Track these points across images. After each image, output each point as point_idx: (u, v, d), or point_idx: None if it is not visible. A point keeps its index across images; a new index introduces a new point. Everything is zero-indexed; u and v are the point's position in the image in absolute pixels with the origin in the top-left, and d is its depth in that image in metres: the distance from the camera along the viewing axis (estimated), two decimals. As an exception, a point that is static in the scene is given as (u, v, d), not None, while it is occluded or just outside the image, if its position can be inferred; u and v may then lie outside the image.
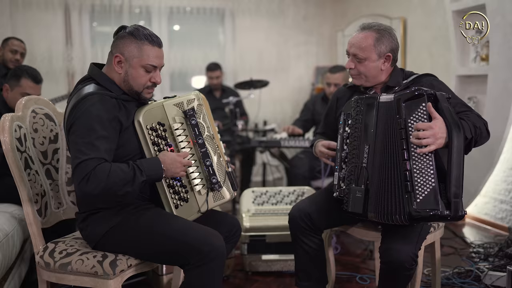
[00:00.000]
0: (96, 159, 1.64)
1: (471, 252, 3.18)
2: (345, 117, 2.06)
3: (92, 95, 1.75)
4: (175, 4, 5.46)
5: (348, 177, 1.99)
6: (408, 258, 1.82)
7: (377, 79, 2.12)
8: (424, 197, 1.76)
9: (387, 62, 2.08)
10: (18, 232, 2.32)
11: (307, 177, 3.63)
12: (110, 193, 1.65)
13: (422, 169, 1.79)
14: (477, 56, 3.73)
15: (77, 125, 1.71)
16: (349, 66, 2.12)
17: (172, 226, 1.78)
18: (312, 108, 4.06)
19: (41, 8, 5.02)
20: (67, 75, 5.17)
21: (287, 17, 5.91)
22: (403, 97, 1.85)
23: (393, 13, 4.84)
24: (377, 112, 1.95)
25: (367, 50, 2.04)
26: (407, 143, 1.81)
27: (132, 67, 1.82)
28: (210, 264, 1.70)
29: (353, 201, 1.95)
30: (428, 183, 1.76)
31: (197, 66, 5.52)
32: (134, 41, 1.82)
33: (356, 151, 1.98)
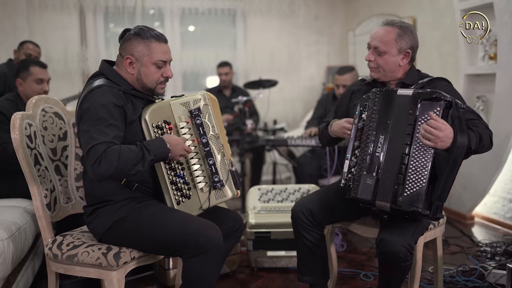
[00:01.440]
0: (106, 143, 1.71)
1: (477, 251, 3.18)
2: (362, 108, 2.09)
3: (101, 87, 1.83)
4: (187, 5, 5.54)
5: (359, 165, 2.02)
6: (403, 249, 1.86)
7: (394, 74, 2.17)
8: (411, 193, 1.85)
9: (406, 59, 2.14)
10: (30, 226, 2.41)
11: (314, 176, 3.67)
12: (123, 173, 1.73)
13: (418, 167, 1.86)
14: (485, 55, 3.72)
15: (86, 115, 1.78)
16: (369, 58, 2.17)
17: (171, 219, 1.85)
18: (325, 104, 4.10)
19: (57, 10, 5.14)
20: (82, 76, 5.29)
21: (298, 17, 5.95)
22: (422, 96, 1.90)
23: (403, 12, 4.85)
24: (395, 104, 1.98)
25: (389, 44, 2.10)
26: (411, 139, 1.88)
27: (144, 65, 1.91)
28: (206, 254, 1.77)
29: (363, 187, 1.99)
30: (419, 182, 1.84)
31: (209, 66, 5.59)
32: (142, 41, 1.90)
33: (370, 140, 2.01)
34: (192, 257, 1.78)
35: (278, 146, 3.90)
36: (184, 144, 1.89)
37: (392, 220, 2.01)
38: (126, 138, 1.85)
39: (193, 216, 1.91)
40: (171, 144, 1.84)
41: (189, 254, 1.78)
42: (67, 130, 2.22)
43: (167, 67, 1.96)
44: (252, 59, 5.77)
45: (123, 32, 1.96)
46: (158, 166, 1.92)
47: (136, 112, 1.90)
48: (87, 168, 1.73)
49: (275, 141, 3.77)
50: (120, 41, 1.96)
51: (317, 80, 6.05)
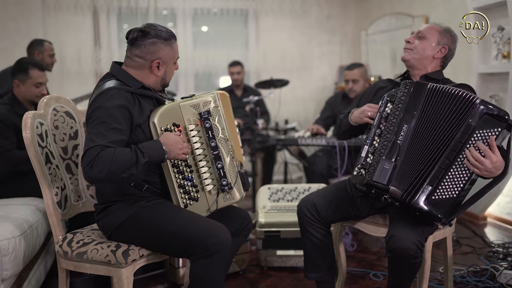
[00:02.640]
0: (100, 146, 1.71)
1: (489, 252, 3.15)
2: (388, 98, 2.12)
3: (110, 90, 1.84)
4: (199, 5, 5.57)
5: (379, 150, 2.03)
6: (412, 245, 1.85)
7: (424, 63, 2.23)
8: (439, 199, 1.87)
9: (441, 53, 2.21)
10: (42, 224, 2.45)
11: (325, 175, 3.66)
12: (115, 176, 1.71)
13: (455, 177, 1.87)
14: (498, 54, 3.68)
15: (92, 118, 1.81)
16: (409, 39, 2.26)
17: (180, 220, 1.86)
18: (334, 105, 4.09)
19: (71, 11, 5.20)
20: (95, 76, 5.34)
21: (310, 17, 5.94)
22: (489, 110, 1.84)
23: (416, 11, 4.82)
24: (426, 95, 2.00)
25: (432, 32, 2.22)
26: (460, 149, 1.86)
27: (169, 66, 1.99)
28: (214, 256, 1.78)
29: (380, 171, 1.99)
30: (451, 192, 1.87)
31: (221, 66, 5.61)
32: (165, 43, 1.93)
33: (393, 128, 2.02)
34: (201, 258, 1.79)
35: (289, 145, 3.91)
36: (182, 142, 1.87)
37: (402, 217, 2.01)
38: (132, 141, 1.85)
39: (202, 217, 1.92)
40: (167, 144, 1.82)
41: (197, 256, 1.79)
42: (78, 129, 2.25)
43: (176, 62, 2.05)
44: (264, 59, 5.78)
45: (131, 33, 1.93)
46: (166, 169, 1.93)
47: (143, 115, 1.90)
48: (82, 170, 1.75)
49: (286, 141, 3.77)
50: (134, 44, 1.92)
51: (329, 79, 6.04)
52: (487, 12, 3.69)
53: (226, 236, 1.84)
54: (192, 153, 1.95)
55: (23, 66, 2.90)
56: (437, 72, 2.24)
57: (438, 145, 1.91)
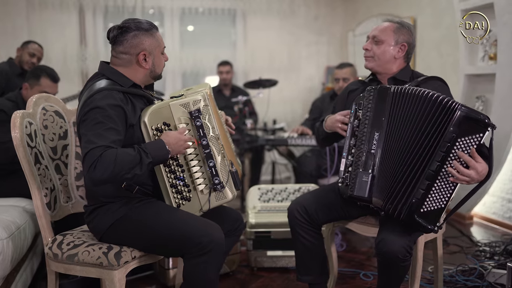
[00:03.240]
0: (102, 147, 1.69)
1: (477, 251, 3.19)
2: (356, 107, 2.10)
3: (102, 91, 1.81)
4: (187, 4, 5.54)
5: (355, 163, 2.03)
6: (401, 249, 1.86)
7: (388, 66, 2.20)
8: (428, 211, 1.86)
9: (401, 52, 2.18)
10: (30, 225, 2.41)
11: (314, 175, 3.67)
12: (119, 177, 1.69)
13: (442, 188, 1.85)
14: (485, 55, 3.72)
15: (87, 119, 1.77)
16: (366, 47, 2.22)
17: (173, 219, 1.84)
18: (321, 106, 4.10)
19: (56, 9, 5.14)
20: (81, 75, 5.29)
21: (298, 17, 5.95)
22: (469, 115, 1.79)
23: (403, 12, 4.85)
24: (391, 100, 1.99)
25: (387, 34, 2.17)
26: (445, 159, 1.82)
27: (156, 56, 1.95)
28: (209, 254, 1.76)
29: (359, 185, 2.00)
30: (439, 202, 1.86)
31: (208, 65, 5.59)
32: (147, 34, 1.91)
33: (365, 138, 2.02)
34: (195, 257, 1.77)
35: (278, 145, 3.90)
36: (183, 136, 1.86)
37: (391, 220, 2.01)
38: (126, 141, 1.83)
39: (195, 215, 1.91)
40: (170, 143, 1.82)
41: (191, 255, 1.77)
42: (68, 129, 2.21)
43: (164, 52, 2.02)
44: (252, 59, 5.77)
45: (111, 31, 1.91)
46: (157, 169, 1.91)
47: (136, 114, 1.89)
48: (84, 172, 1.72)
49: (276, 141, 3.77)
50: (117, 41, 1.90)
51: (317, 80, 6.05)
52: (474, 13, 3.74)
53: (220, 235, 1.82)
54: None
55: (36, 72, 2.94)
56: (403, 70, 2.21)
57: (416, 153, 1.87)
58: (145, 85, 2.01)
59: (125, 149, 1.75)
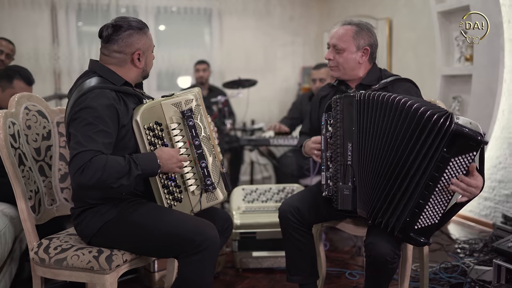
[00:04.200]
0: (92, 151, 1.65)
1: (456, 248, 3.25)
2: (326, 117, 2.08)
3: (93, 90, 1.76)
4: (162, 3, 5.46)
5: (334, 176, 2.04)
6: (390, 251, 1.86)
7: (354, 73, 2.17)
8: (423, 228, 1.83)
9: (365, 56, 2.15)
10: (9, 229, 2.32)
11: (296, 176, 3.67)
12: (105, 185, 1.65)
13: (435, 206, 1.80)
14: (461, 56, 3.80)
15: (77, 119, 1.72)
16: (328, 57, 2.17)
17: (165, 219, 1.80)
18: (300, 107, 4.11)
19: (27, 7, 4.97)
20: (53, 74, 5.13)
21: (274, 17, 5.95)
22: (463, 132, 1.70)
23: (379, 13, 4.91)
24: (358, 109, 1.95)
25: (346, 41, 2.12)
26: (438, 178, 1.75)
27: (148, 56, 1.94)
28: (203, 253, 1.73)
29: (342, 198, 2.01)
30: (434, 218, 1.82)
31: (184, 65, 5.52)
32: (141, 33, 1.89)
33: (340, 150, 2.01)
34: (189, 256, 1.73)
35: (260, 146, 3.89)
36: (178, 155, 1.84)
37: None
38: (118, 141, 1.79)
39: (188, 214, 1.88)
40: (162, 158, 1.79)
41: (185, 254, 1.74)
42: (51, 129, 2.13)
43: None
44: (228, 59, 5.73)
45: (104, 30, 1.87)
46: None
47: (129, 113, 1.84)
48: (70, 174, 1.67)
49: (258, 141, 3.75)
50: (110, 40, 1.86)
51: (293, 80, 6.06)
52: (450, 15, 3.82)
53: (214, 232, 1.80)
54: None
55: (9, 73, 2.76)
56: (370, 73, 2.19)
57: (401, 168, 1.81)
58: (135, 83, 1.97)
59: (115, 157, 1.70)
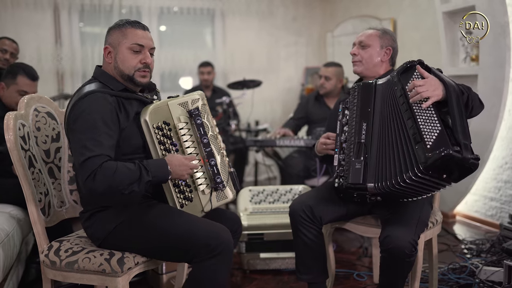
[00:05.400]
0: (102, 156, 1.65)
1: (463, 249, 3.24)
2: (344, 105, 2.20)
3: (92, 94, 1.77)
4: (165, 4, 5.45)
5: (347, 155, 2.07)
6: (408, 244, 1.88)
7: (375, 70, 2.33)
8: (434, 141, 1.82)
9: (387, 56, 2.33)
10: (17, 232, 2.31)
11: (301, 176, 3.66)
12: (116, 191, 1.65)
13: (426, 120, 1.88)
14: (467, 57, 3.79)
15: (79, 123, 1.71)
16: (354, 52, 2.34)
17: (178, 222, 1.79)
18: (306, 107, 4.10)
19: (30, 8, 4.96)
20: (56, 75, 5.11)
21: (277, 18, 5.94)
22: (398, 72, 2.02)
23: (383, 14, 4.90)
24: (374, 93, 2.09)
25: (372, 39, 2.32)
26: (409, 104, 1.92)
27: (119, 52, 1.86)
28: (218, 257, 1.71)
29: (353, 172, 2.01)
30: (434, 129, 1.84)
31: (187, 66, 5.51)
32: (117, 29, 1.88)
33: (355, 130, 2.08)
34: (204, 260, 1.71)
35: (266, 147, 3.88)
36: (189, 162, 1.83)
37: (394, 216, 2.04)
38: (121, 142, 1.79)
39: (201, 218, 1.86)
40: (173, 164, 1.78)
41: (200, 258, 1.72)
42: (60, 131, 2.13)
43: (146, 53, 1.88)
44: (231, 60, 5.72)
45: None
46: None
47: (129, 117, 1.84)
48: (79, 181, 1.66)
49: (263, 142, 3.74)
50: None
51: (296, 81, 6.05)
52: (455, 16, 3.81)
53: (228, 236, 1.79)
54: (183, 153, 1.89)
55: (13, 70, 2.77)
56: (389, 73, 2.24)
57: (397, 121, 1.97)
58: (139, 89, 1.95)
59: (125, 163, 1.70)
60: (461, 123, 1.82)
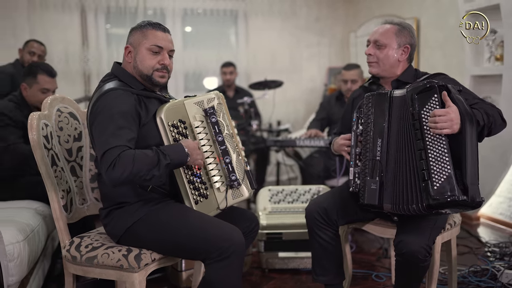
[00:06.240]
0: (120, 147, 1.69)
1: (486, 251, 3.19)
2: (358, 114, 2.12)
3: (113, 90, 1.82)
4: (189, 5, 5.52)
5: (362, 171, 2.04)
6: (421, 249, 1.86)
7: (392, 70, 2.17)
8: (441, 184, 1.80)
9: (405, 54, 2.16)
10: (42, 227, 2.39)
11: (322, 176, 3.66)
12: (137, 178, 1.69)
13: (437, 157, 1.83)
14: (491, 56, 3.73)
15: (99, 119, 1.77)
16: (369, 52, 2.18)
17: (192, 222, 1.82)
18: (328, 107, 4.10)
19: (58, 10, 5.10)
20: (83, 76, 5.25)
21: (300, 18, 5.95)
22: (415, 90, 1.92)
23: (406, 13, 4.86)
24: (389, 106, 2.01)
25: (389, 37, 2.13)
26: (422, 133, 1.87)
27: (139, 52, 1.91)
28: (230, 259, 1.74)
29: (368, 193, 2.00)
30: (444, 170, 1.80)
31: (210, 67, 5.57)
32: (139, 30, 1.93)
33: (369, 146, 2.03)
34: (215, 262, 1.74)
35: (287, 147, 3.89)
36: (198, 148, 1.87)
37: (409, 221, 2.01)
38: (140, 139, 1.83)
39: (214, 218, 1.88)
40: (189, 148, 1.81)
41: (212, 260, 1.74)
42: (82, 130, 2.19)
43: (164, 54, 1.93)
44: (254, 60, 5.76)
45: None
46: None
47: (149, 114, 1.88)
48: (102, 172, 1.71)
49: (284, 142, 3.76)
50: None
51: (319, 81, 6.05)
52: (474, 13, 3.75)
53: (240, 238, 1.81)
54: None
55: (32, 70, 2.86)
56: (407, 71, 2.19)
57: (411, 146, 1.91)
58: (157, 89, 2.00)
59: (143, 150, 1.74)
60: (472, 163, 1.79)
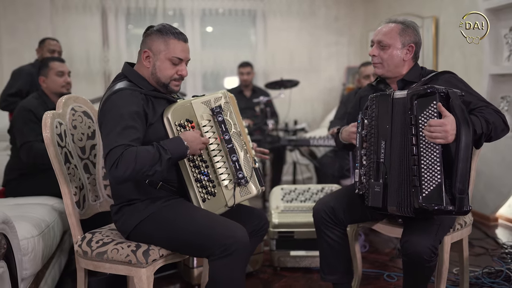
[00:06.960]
0: (122, 146, 1.73)
1: (502, 253, 3.14)
2: (362, 116, 2.11)
3: (122, 90, 1.86)
4: (207, 6, 5.58)
5: (367, 173, 2.05)
6: (426, 250, 1.85)
7: (397, 70, 2.14)
8: (429, 192, 1.83)
9: (410, 54, 2.12)
10: (58, 223, 2.46)
11: (336, 176, 3.66)
12: (140, 174, 1.73)
13: (429, 164, 1.84)
14: (510, 55, 3.67)
15: (107, 118, 1.81)
16: (373, 53, 2.14)
17: (197, 220, 1.85)
18: (347, 103, 4.07)
19: (79, 11, 5.22)
20: (103, 76, 5.35)
21: (318, 18, 5.95)
22: (416, 94, 1.90)
23: (425, 12, 4.81)
24: (392, 108, 2.00)
25: (392, 37, 2.10)
26: (417, 139, 1.87)
27: (160, 60, 1.93)
28: (233, 256, 1.76)
29: (373, 195, 2.01)
30: (434, 178, 1.82)
31: (228, 66, 5.62)
32: (161, 37, 1.93)
33: (373, 148, 2.03)
34: (219, 259, 1.77)
35: (301, 146, 3.90)
36: (200, 137, 1.89)
37: (415, 221, 2.01)
38: (146, 140, 1.86)
39: (220, 216, 1.91)
40: (188, 140, 1.83)
41: (216, 256, 1.77)
42: (95, 129, 2.25)
43: (183, 65, 1.97)
44: (272, 60, 5.78)
45: (146, 29, 2.00)
46: (182, 164, 1.92)
47: (156, 114, 1.92)
48: (106, 171, 1.75)
49: (298, 141, 3.77)
50: (143, 36, 2.00)
51: (337, 80, 6.03)
52: (499, 12, 3.70)
53: (244, 236, 1.83)
54: (206, 149, 1.96)
55: (44, 62, 3.02)
56: (412, 70, 2.16)
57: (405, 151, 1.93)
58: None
59: (144, 146, 1.78)
60: (462, 174, 1.80)
